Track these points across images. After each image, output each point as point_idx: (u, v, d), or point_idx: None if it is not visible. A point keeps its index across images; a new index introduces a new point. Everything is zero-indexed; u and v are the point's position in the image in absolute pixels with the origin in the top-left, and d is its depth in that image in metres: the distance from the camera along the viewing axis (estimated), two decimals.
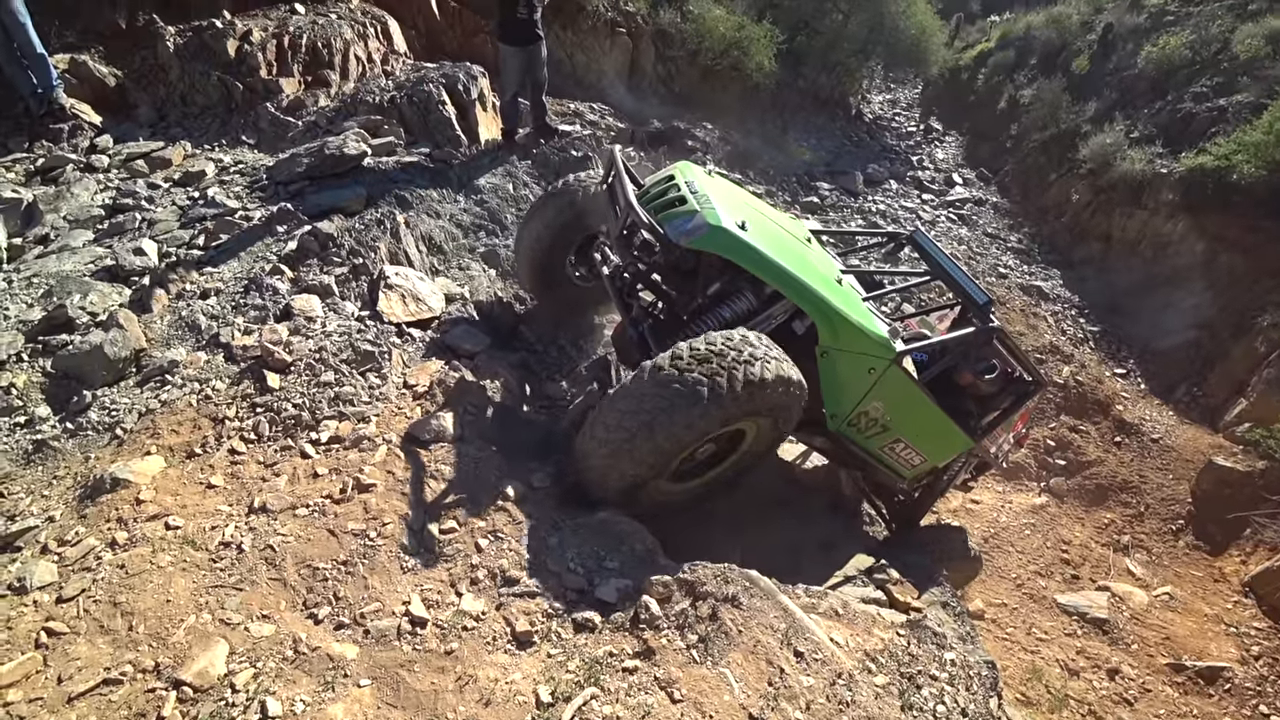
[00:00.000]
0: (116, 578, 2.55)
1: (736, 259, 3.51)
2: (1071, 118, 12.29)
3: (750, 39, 11.17)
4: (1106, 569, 7.13)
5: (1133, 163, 10.49)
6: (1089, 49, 13.56)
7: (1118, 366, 9.46)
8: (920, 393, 3.93)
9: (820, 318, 3.56)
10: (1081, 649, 6.15)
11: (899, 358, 3.69)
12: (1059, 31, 14.71)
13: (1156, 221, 10.18)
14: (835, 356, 3.64)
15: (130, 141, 5.90)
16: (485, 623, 2.57)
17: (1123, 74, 12.41)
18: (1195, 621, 6.51)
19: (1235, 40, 10.98)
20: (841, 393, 3.76)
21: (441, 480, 3.08)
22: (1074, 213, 11.37)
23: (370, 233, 4.57)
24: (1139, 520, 7.69)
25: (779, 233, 3.95)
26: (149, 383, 3.56)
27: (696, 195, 3.68)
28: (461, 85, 6.66)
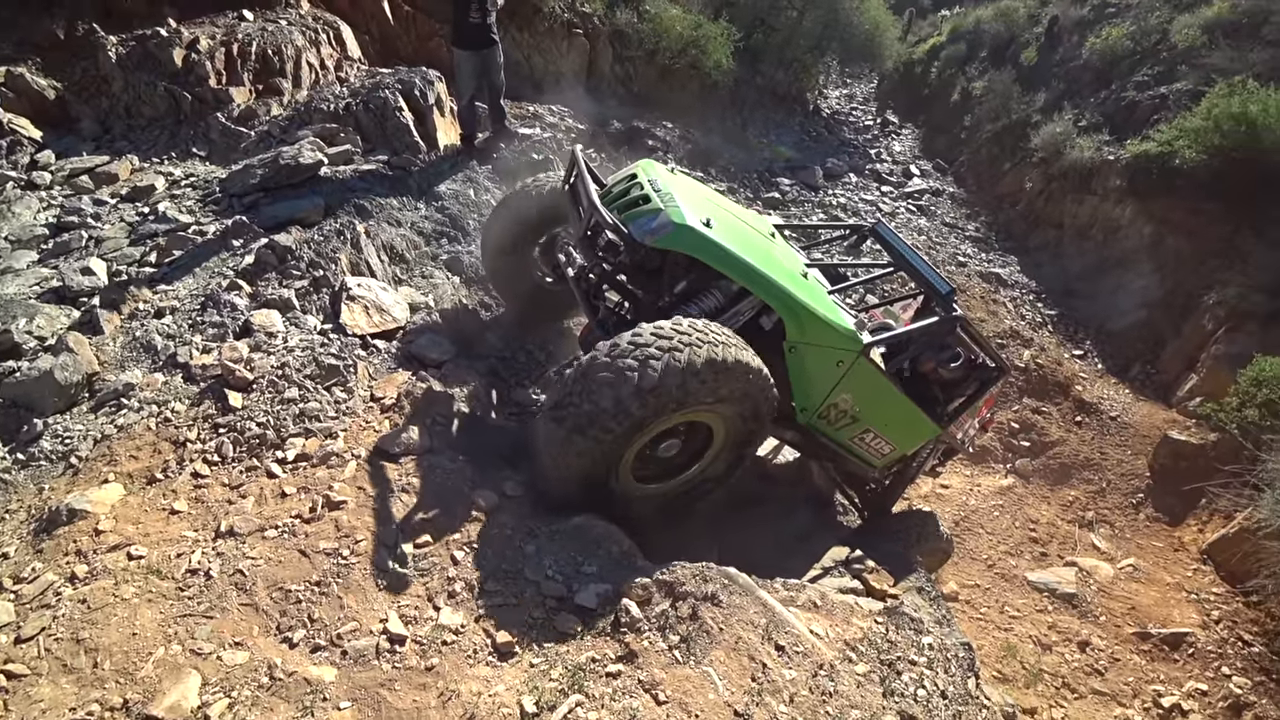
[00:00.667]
0: (78, 613, 2.45)
1: (702, 257, 3.49)
2: (1022, 108, 12.63)
3: (707, 37, 11.24)
4: (1073, 545, 7.35)
5: (1081, 150, 10.83)
6: (1036, 41, 13.95)
7: (1075, 348, 9.75)
8: (888, 383, 3.98)
9: (787, 313, 3.57)
10: (1053, 624, 6.32)
11: (866, 349, 3.73)
12: (1007, 24, 15.11)
13: (1106, 207, 10.52)
14: (803, 351, 3.65)
15: (73, 156, 5.70)
16: (465, 636, 2.54)
17: (1069, 65, 12.79)
18: (1158, 590, 6.75)
19: (1173, 30, 11.39)
20: (810, 386, 3.78)
21: (413, 494, 3.04)
22: (1028, 200, 11.69)
23: (330, 244, 4.48)
24: (1101, 496, 7.94)
25: (743, 229, 3.96)
26: (104, 407, 3.44)
27: (660, 193, 3.66)
28: (418, 90, 6.56)
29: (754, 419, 3.31)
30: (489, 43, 5.91)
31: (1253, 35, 10.26)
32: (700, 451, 3.45)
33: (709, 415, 3.21)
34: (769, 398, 3.26)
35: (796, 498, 4.52)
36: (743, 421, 3.29)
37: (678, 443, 3.31)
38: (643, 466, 3.33)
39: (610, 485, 3.17)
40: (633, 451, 3.11)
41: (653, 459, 3.31)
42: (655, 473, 3.41)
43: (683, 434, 3.31)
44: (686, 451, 3.42)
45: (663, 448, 3.27)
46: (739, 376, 3.04)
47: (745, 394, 3.14)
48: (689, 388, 2.88)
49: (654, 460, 3.33)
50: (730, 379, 3.01)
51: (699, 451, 3.45)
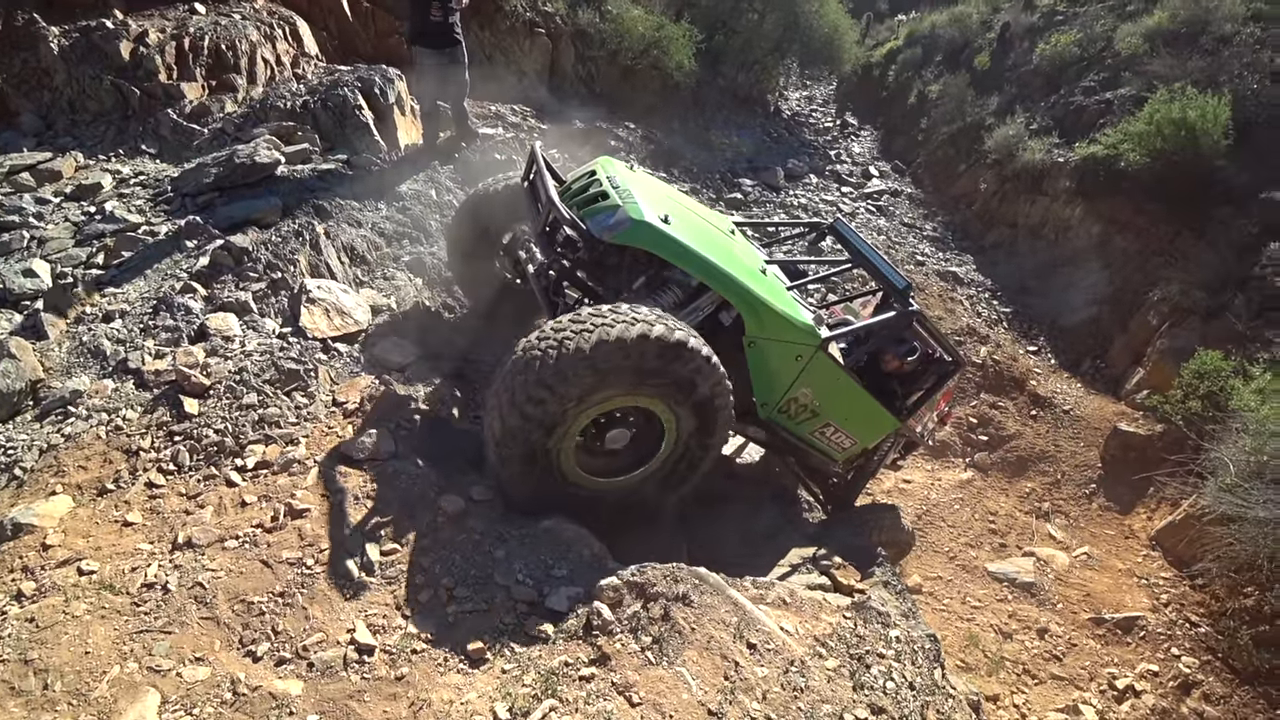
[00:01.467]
0: (26, 633, 2.34)
1: (661, 252, 3.50)
2: (976, 111, 12.98)
3: (669, 38, 11.28)
4: (1030, 535, 7.57)
5: (1033, 153, 11.19)
6: (989, 46, 14.35)
7: (1030, 344, 10.06)
8: (847, 377, 4.05)
9: (745, 308, 3.59)
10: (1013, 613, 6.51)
11: (824, 344, 3.79)
12: (961, 30, 15.51)
13: (1057, 207, 10.88)
14: (762, 346, 3.68)
15: (13, 152, 5.46)
16: (435, 644, 2.50)
17: (1020, 70, 13.19)
18: (1111, 577, 7.00)
19: (1117, 38, 11.84)
20: (771, 381, 3.81)
21: (378, 500, 2.98)
22: (983, 201, 12.03)
23: (288, 245, 4.36)
24: (1057, 487, 8.21)
25: (702, 225, 3.98)
26: (49, 416, 3.29)
27: (619, 190, 3.65)
28: (378, 89, 6.44)
29: (704, 408, 3.19)
30: (452, 42, 5.83)
31: (1191, 43, 10.72)
32: (654, 450, 3.37)
33: (648, 401, 3.11)
34: (713, 381, 3.13)
35: (763, 496, 4.57)
36: (692, 412, 3.19)
37: (626, 434, 3.24)
38: (591, 457, 3.28)
39: (552, 473, 3.10)
40: (570, 438, 3.06)
41: (602, 451, 3.27)
42: (607, 466, 3.34)
43: (632, 424, 3.24)
44: (640, 447, 3.34)
45: (610, 437, 3.20)
46: (653, 353, 2.92)
47: (675, 377, 3.03)
48: (610, 364, 2.85)
49: (604, 453, 3.28)
50: (641, 356, 2.90)
51: (654, 448, 3.37)
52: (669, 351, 2.95)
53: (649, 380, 2.99)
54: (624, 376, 2.92)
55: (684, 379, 3.05)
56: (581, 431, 3.11)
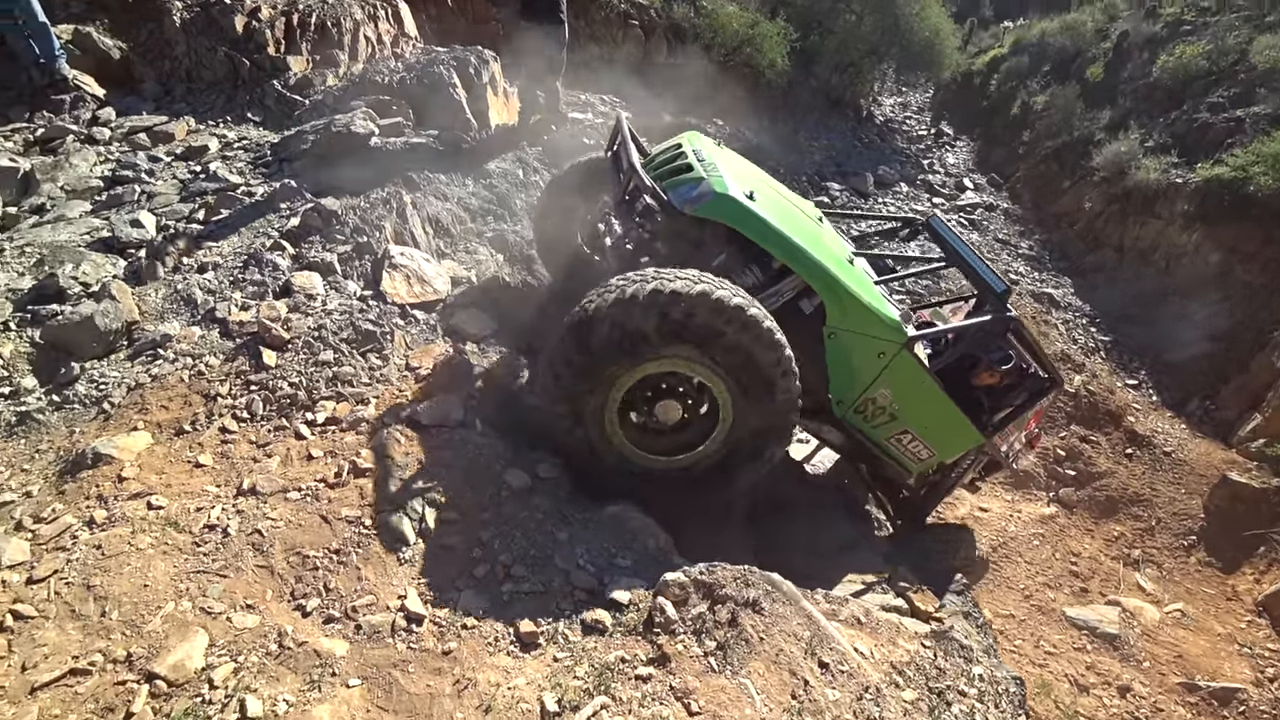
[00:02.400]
0: (92, 559, 2.37)
1: (742, 229, 3.32)
2: (1085, 125, 12.16)
3: (762, 36, 11.03)
4: (1116, 583, 6.98)
5: (1147, 172, 10.37)
6: (1104, 57, 13.44)
7: (1129, 377, 9.31)
8: (931, 382, 3.74)
9: (829, 295, 3.38)
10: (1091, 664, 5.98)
11: (911, 343, 3.53)
12: (1073, 39, 14.57)
13: (1171, 232, 10.05)
14: (843, 338, 3.45)
15: (133, 115, 5.77)
16: (487, 622, 2.40)
17: (1137, 83, 12.28)
18: (1208, 640, 6.36)
19: (1253, 51, 10.85)
20: (849, 377, 3.58)
21: (443, 467, 2.91)
22: (1086, 220, 11.24)
23: (375, 211, 4.40)
24: (1150, 534, 7.54)
25: (789, 208, 3.75)
26: (140, 356, 3.39)
27: (704, 163, 3.51)
28: (472, 69, 6.50)
29: (755, 382, 2.97)
30: (556, 20, 5.82)
31: None
32: (709, 431, 3.16)
33: (701, 371, 2.95)
34: (770, 356, 2.92)
35: (836, 507, 4.30)
36: (742, 386, 2.98)
37: (677, 408, 3.07)
38: (642, 434, 3.13)
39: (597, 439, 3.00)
40: (612, 405, 2.96)
41: (654, 428, 3.11)
42: (657, 443, 3.17)
43: (684, 398, 3.07)
44: (691, 426, 3.16)
45: (659, 408, 3.05)
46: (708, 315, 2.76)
47: (724, 340, 2.83)
48: (636, 321, 2.74)
49: (655, 430, 3.12)
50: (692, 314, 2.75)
51: (708, 429, 3.16)
52: (699, 308, 2.76)
53: (681, 340, 2.83)
54: (651, 336, 2.79)
55: (735, 347, 2.85)
56: (630, 403, 2.98)
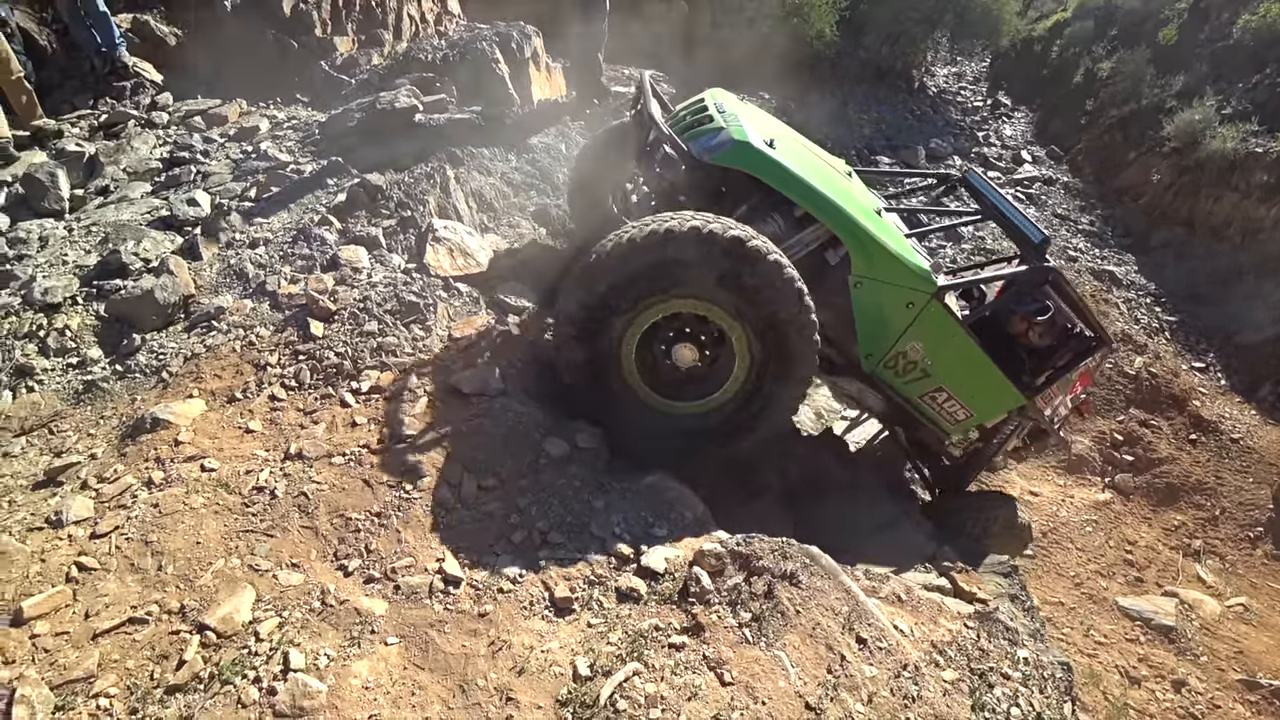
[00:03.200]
0: (150, 516, 2.48)
1: (762, 175, 3.25)
2: (1156, 92, 11.48)
3: (811, 5, 10.71)
4: (1174, 574, 6.71)
5: (1224, 141, 9.74)
6: (1178, 18, 12.64)
7: (1196, 359, 8.87)
8: (965, 334, 3.60)
9: (853, 242, 3.28)
10: (1144, 656, 5.78)
11: (941, 292, 3.41)
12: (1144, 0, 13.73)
13: (1248, 205, 9.46)
14: (870, 287, 3.34)
15: (189, 99, 5.95)
16: (522, 586, 2.43)
17: (1215, 45, 11.51)
18: (1272, 637, 6.08)
19: None
20: (877, 329, 3.48)
21: (483, 435, 2.94)
22: (1154, 194, 10.67)
23: (419, 186, 4.46)
24: (1213, 524, 7.21)
25: (814, 160, 3.65)
26: (196, 328, 3.53)
27: (724, 115, 3.45)
28: (515, 44, 6.48)
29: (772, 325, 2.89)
30: None
31: None
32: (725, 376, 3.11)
33: (717, 314, 2.91)
34: (787, 299, 2.83)
35: (879, 485, 4.21)
36: (759, 328, 2.91)
37: (693, 352, 3.03)
38: (656, 376, 3.11)
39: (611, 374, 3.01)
40: (630, 340, 2.97)
41: (669, 370, 3.09)
42: (673, 388, 3.14)
43: (699, 340, 3.03)
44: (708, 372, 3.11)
45: (676, 351, 3.02)
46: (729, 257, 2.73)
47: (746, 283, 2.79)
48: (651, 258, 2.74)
49: (671, 372, 3.09)
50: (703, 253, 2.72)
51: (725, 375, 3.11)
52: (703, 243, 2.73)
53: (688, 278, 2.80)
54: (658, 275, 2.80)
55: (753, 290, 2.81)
56: (648, 342, 3.01)
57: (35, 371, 3.37)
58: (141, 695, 1.96)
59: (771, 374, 3.01)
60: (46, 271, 3.93)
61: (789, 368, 3.00)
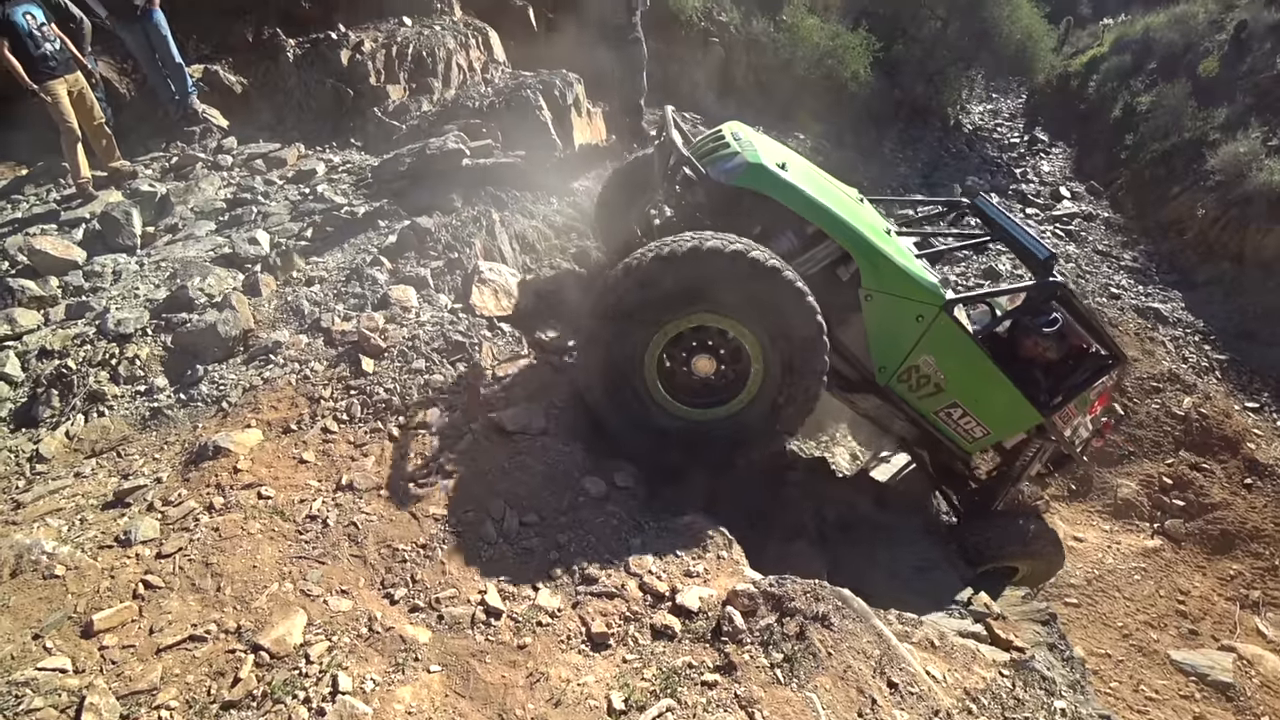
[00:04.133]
0: (210, 539, 2.64)
1: (775, 195, 3.44)
2: (1197, 125, 11.31)
3: (845, 47, 10.89)
4: (1232, 626, 6.42)
5: (1272, 173, 9.55)
6: (1219, 50, 12.48)
7: (1249, 400, 8.56)
8: (976, 348, 3.70)
9: (862, 258, 3.43)
10: (1200, 715, 5.52)
11: (949, 305, 3.54)
12: (1183, 33, 13.59)
13: None
14: (880, 300, 3.48)
15: (252, 143, 6.34)
16: (560, 620, 2.50)
17: (1259, 76, 11.34)
18: None
19: None
20: (889, 342, 3.61)
21: (524, 472, 3.05)
22: (1199, 229, 10.44)
23: (466, 229, 4.66)
24: (1272, 574, 6.89)
25: (826, 184, 3.83)
26: (254, 361, 3.73)
27: (740, 142, 3.68)
28: (558, 91, 6.75)
29: (785, 337, 3.04)
30: (632, 42, 6.03)
31: None
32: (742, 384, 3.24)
33: (735, 326, 3.07)
34: (798, 311, 2.99)
35: (914, 528, 4.18)
36: (772, 340, 3.07)
37: (711, 362, 3.16)
38: (675, 387, 3.23)
39: (634, 385, 3.14)
40: (652, 351, 3.11)
41: (688, 379, 3.21)
42: (692, 397, 3.26)
43: (718, 353, 3.16)
44: (725, 381, 3.23)
45: (695, 362, 3.15)
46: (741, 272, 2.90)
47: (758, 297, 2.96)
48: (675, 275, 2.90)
49: (689, 382, 3.22)
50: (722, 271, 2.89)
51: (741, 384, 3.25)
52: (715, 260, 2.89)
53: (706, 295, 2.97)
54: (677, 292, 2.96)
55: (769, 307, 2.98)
56: (670, 355, 3.15)
57: (106, 398, 3.61)
58: (199, 709, 2.08)
59: (784, 386, 3.16)
60: (119, 304, 4.22)
61: (799, 381, 3.15)
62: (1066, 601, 6.38)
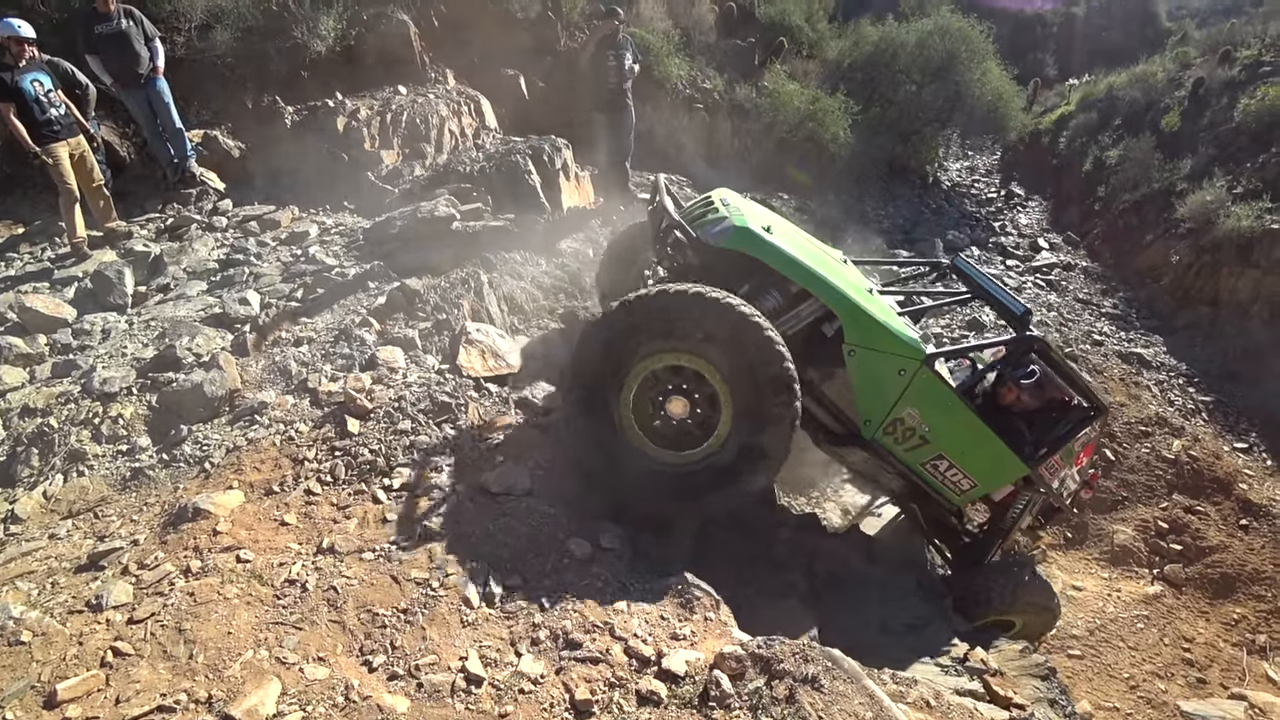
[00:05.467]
0: (185, 604, 2.58)
1: (760, 255, 3.64)
2: (1165, 176, 11.73)
3: (824, 111, 11.30)
4: (1240, 673, 6.27)
5: (1239, 219, 9.86)
6: (1179, 105, 13.04)
7: (1238, 440, 8.59)
8: (958, 401, 3.83)
9: (845, 315, 3.59)
10: None
11: (930, 359, 3.67)
12: (1144, 90, 14.21)
13: (1271, 280, 9.48)
14: (863, 356, 3.62)
15: (246, 205, 6.48)
16: (544, 687, 2.43)
17: (1218, 129, 11.83)
18: None
19: None
20: (873, 395, 3.72)
21: (509, 534, 3.02)
22: (1175, 275, 10.69)
23: (455, 290, 4.72)
24: (1277, 617, 6.78)
25: (809, 246, 4.05)
26: (239, 421, 3.72)
27: (728, 207, 3.90)
28: (547, 156, 6.94)
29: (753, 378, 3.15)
30: (621, 106, 6.30)
31: None
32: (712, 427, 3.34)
33: (704, 366, 3.21)
34: (762, 351, 3.12)
35: (907, 584, 4.12)
36: (741, 381, 3.18)
37: (684, 402, 3.29)
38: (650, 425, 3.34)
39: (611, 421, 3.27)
40: (627, 390, 3.26)
41: (663, 421, 3.33)
42: (667, 439, 3.37)
43: (689, 394, 3.29)
44: (698, 423, 3.34)
45: (670, 404, 3.29)
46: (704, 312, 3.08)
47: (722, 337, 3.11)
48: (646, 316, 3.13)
49: (664, 423, 3.34)
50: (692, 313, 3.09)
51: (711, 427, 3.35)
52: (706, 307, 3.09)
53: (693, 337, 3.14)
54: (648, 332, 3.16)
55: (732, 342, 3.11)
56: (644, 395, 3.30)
57: (87, 457, 3.58)
58: None
59: (753, 432, 3.26)
60: (106, 362, 4.22)
61: (768, 427, 3.24)
62: (1070, 654, 6.24)
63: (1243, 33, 14.01)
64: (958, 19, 13.62)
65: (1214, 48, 13.88)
